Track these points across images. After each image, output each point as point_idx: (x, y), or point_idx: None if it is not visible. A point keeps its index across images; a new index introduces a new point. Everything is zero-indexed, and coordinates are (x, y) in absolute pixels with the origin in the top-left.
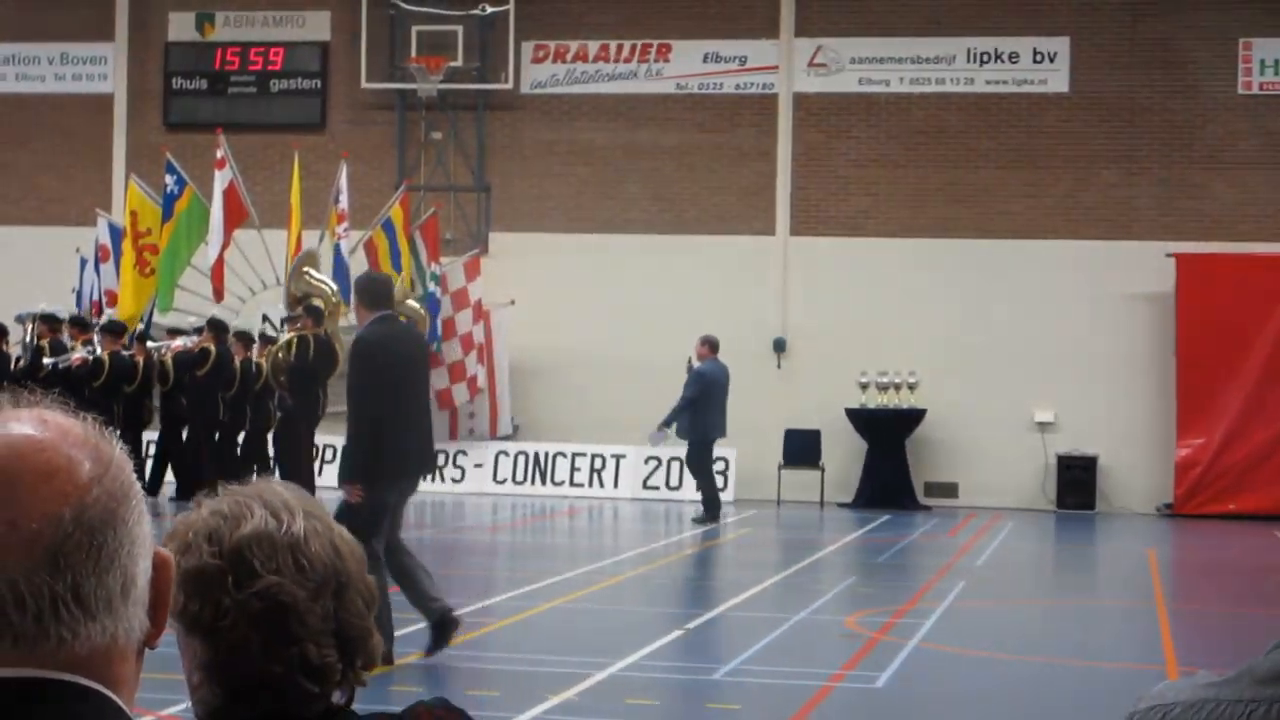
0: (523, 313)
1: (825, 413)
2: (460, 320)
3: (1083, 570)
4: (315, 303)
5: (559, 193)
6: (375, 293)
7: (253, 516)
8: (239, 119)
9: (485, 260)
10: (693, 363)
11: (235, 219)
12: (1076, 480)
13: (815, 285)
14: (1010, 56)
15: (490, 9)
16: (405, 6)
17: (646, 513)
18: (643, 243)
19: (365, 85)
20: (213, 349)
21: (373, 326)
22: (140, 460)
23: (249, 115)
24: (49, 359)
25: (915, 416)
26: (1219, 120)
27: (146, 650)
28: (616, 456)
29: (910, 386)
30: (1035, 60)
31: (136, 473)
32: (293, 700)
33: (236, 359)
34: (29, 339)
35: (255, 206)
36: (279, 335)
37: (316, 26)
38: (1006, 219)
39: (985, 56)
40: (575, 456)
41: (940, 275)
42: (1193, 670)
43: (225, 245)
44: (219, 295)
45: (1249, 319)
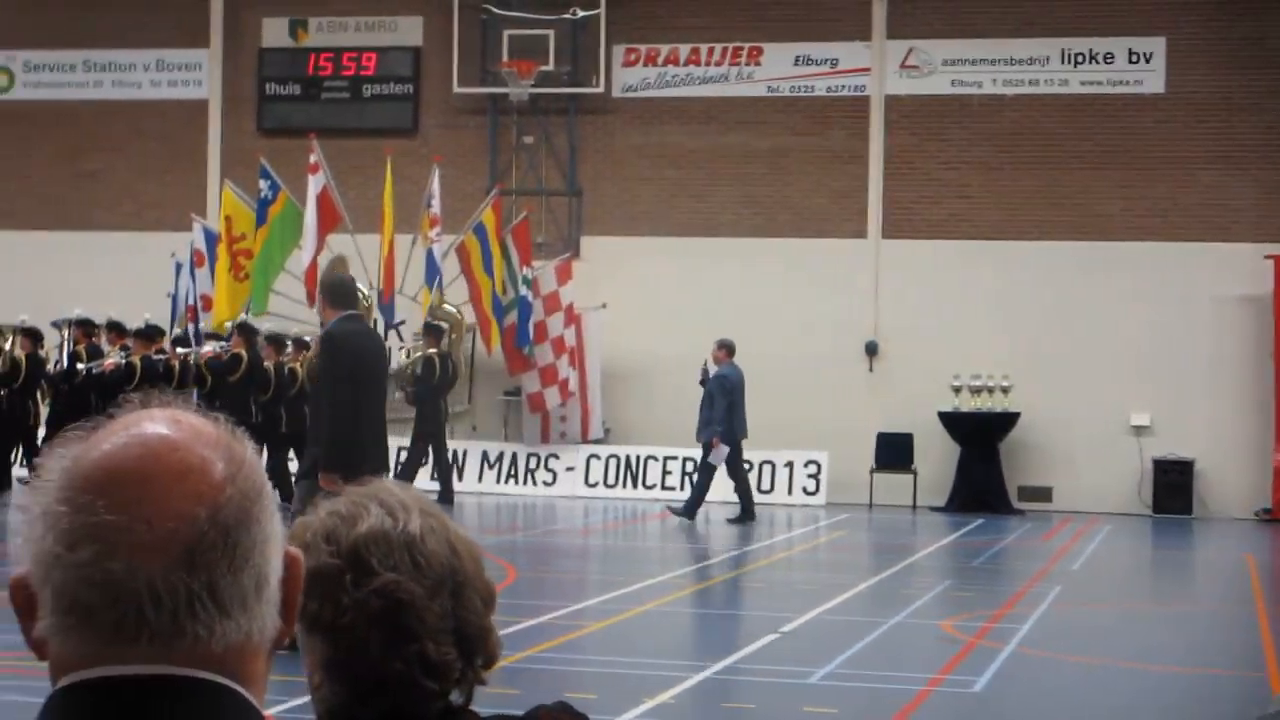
0: (614, 316)
1: (918, 416)
2: (552, 324)
3: (1180, 575)
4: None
5: (650, 196)
6: (341, 293)
7: (369, 516)
8: (332, 124)
9: (577, 264)
10: (708, 367)
11: (328, 223)
12: (1173, 484)
13: (907, 288)
14: (1105, 57)
15: (581, 13)
16: (497, 11)
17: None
18: (734, 246)
19: (457, 90)
20: (244, 354)
21: (340, 324)
22: None
23: (342, 120)
24: (83, 364)
25: (1009, 420)
26: None
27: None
28: None
29: (1004, 389)
30: (1130, 61)
31: None
32: (413, 698)
33: (268, 362)
34: (66, 344)
35: (348, 211)
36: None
37: (408, 31)
38: (1101, 221)
39: (1079, 57)
40: (666, 460)
41: (1034, 278)
42: None
43: (319, 249)
44: (312, 299)
45: None
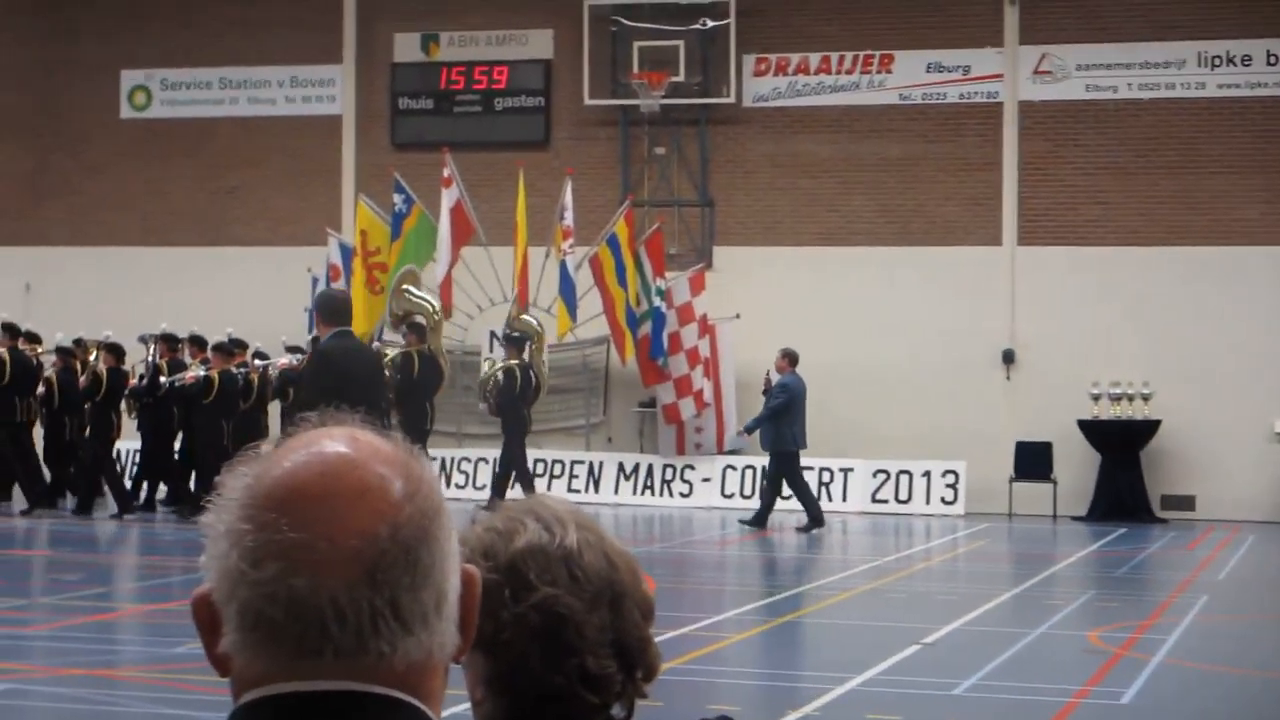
0: (748, 326)
1: (1056, 424)
2: (686, 335)
3: None
4: (418, 319)
5: (782, 206)
6: (334, 310)
7: (526, 531)
8: (464, 137)
9: (710, 274)
10: (771, 376)
11: (462, 236)
12: None
13: (1044, 295)
14: (1243, 59)
15: (711, 23)
16: (627, 23)
17: (876, 526)
18: (867, 255)
19: (588, 102)
20: None
21: (332, 340)
22: None
23: (474, 133)
24: (165, 378)
25: (1150, 427)
26: None
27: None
28: (844, 470)
29: (1144, 397)
30: (1269, 63)
31: None
32: (574, 713)
33: None
34: (151, 358)
35: (481, 224)
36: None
37: (539, 45)
38: (1241, 225)
39: (1216, 60)
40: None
41: (1172, 283)
42: None
43: (453, 262)
44: (447, 312)
45: None
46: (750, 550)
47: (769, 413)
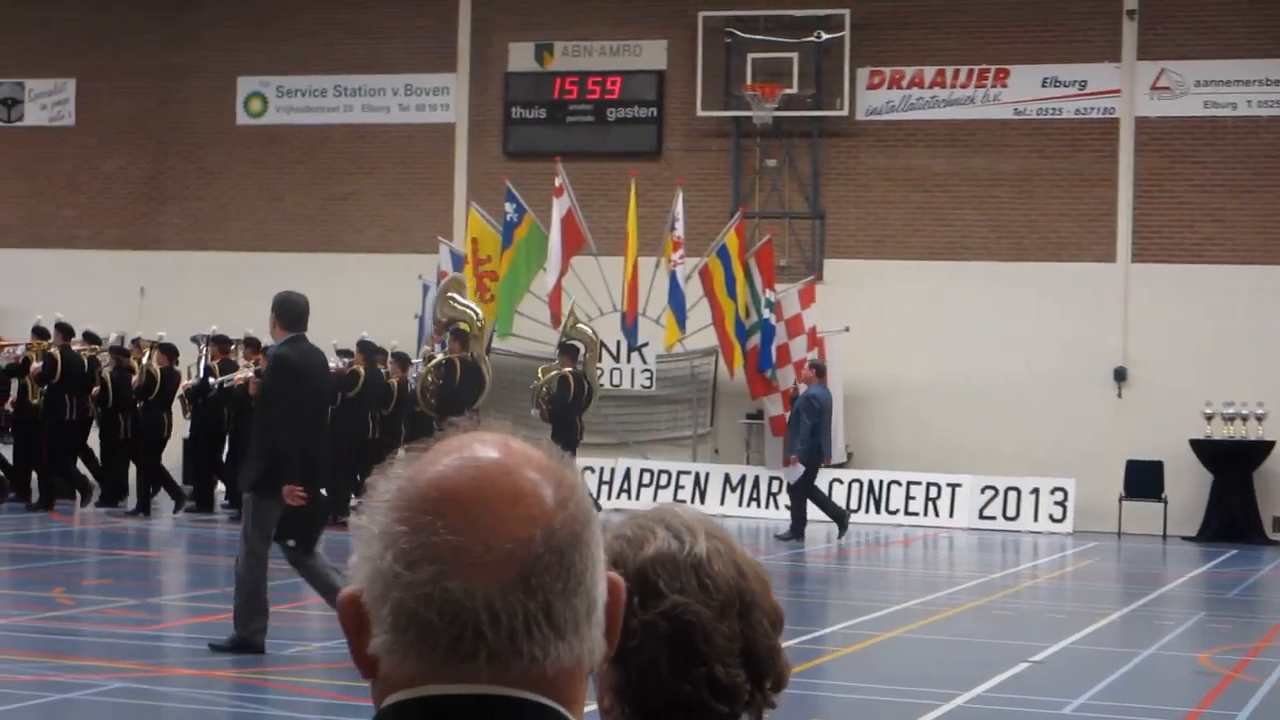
0: (857, 340)
1: (1168, 443)
2: (795, 347)
3: None
4: (461, 327)
5: (894, 219)
6: (294, 314)
7: (655, 539)
8: (577, 147)
9: (820, 287)
10: (797, 388)
11: (573, 246)
12: None
13: (1157, 313)
14: None
15: (826, 36)
16: (741, 34)
17: (983, 543)
18: (979, 270)
19: (701, 113)
20: (362, 371)
21: (288, 345)
22: None
23: (586, 143)
24: (216, 379)
25: (1263, 448)
26: None
27: None
28: (952, 485)
29: (1258, 417)
30: None
31: None
32: None
33: (394, 380)
34: (203, 359)
35: (592, 233)
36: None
37: (653, 55)
38: None
39: None
40: (910, 485)
41: None
42: None
43: (563, 272)
44: (556, 321)
45: None
46: (855, 564)
47: (808, 432)
